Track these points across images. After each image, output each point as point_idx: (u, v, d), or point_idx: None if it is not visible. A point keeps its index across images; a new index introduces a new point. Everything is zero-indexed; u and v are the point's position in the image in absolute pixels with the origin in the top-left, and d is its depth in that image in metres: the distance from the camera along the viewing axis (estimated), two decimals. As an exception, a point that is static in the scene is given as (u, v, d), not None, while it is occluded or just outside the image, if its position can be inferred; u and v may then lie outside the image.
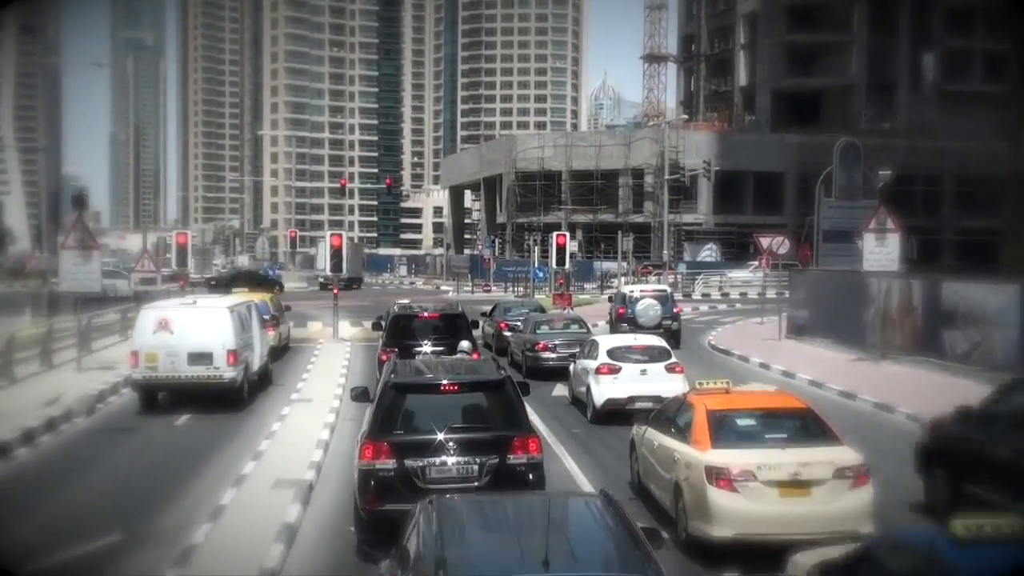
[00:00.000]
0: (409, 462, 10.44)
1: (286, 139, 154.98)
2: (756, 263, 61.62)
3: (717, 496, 10.17)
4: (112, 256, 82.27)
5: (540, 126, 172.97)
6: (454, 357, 14.37)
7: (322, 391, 21.39)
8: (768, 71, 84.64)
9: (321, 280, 62.96)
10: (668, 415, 12.41)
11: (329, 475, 14.23)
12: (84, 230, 23.10)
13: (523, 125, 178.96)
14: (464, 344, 16.94)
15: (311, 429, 17.09)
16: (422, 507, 6.89)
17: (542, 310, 30.80)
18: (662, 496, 11.76)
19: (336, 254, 32.05)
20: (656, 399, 17.35)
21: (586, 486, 13.73)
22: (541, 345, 24.01)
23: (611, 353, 18.95)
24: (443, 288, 71.29)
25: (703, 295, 59.02)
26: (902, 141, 70.47)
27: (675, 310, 31.19)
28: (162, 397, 19.82)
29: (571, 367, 20.79)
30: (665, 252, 64.91)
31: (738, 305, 52.28)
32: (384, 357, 19.65)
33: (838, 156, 62.71)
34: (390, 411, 10.85)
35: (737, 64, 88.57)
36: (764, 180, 77.55)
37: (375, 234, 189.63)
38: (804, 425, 11.12)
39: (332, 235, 32.73)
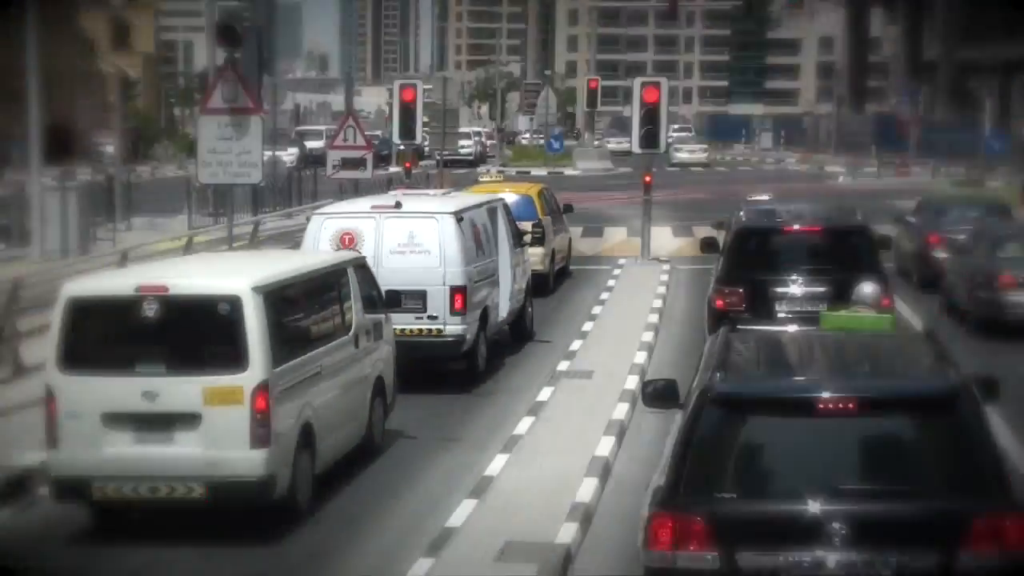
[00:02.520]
0: (748, 558, 8.10)
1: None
2: None
3: None
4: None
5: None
6: (843, 326, 11.41)
7: (611, 358, 19.70)
8: None
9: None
10: None
11: (603, 533, 12.07)
12: (237, 83, 21.91)
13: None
14: (867, 289, 13.83)
15: (584, 435, 15.16)
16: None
17: (1007, 214, 27.91)
18: None
19: (650, 116, 29.57)
20: None
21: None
22: (1006, 279, 21.67)
23: None
24: (831, 169, 68.50)
25: None
26: None
27: None
28: None
29: None
30: None
31: None
32: (721, 304, 18.09)
33: None
34: (712, 450, 8.53)
35: None
36: None
37: (726, 83, 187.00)
38: None
39: (644, 85, 30.33)
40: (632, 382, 17.56)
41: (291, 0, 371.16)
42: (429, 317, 17.69)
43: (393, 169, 40.48)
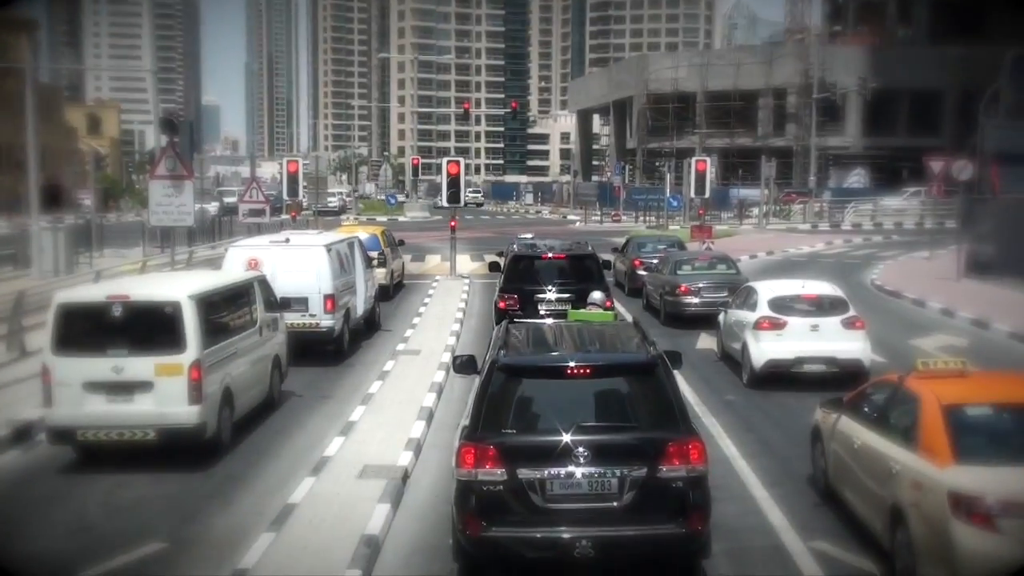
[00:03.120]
0: (524, 472, 7.72)
1: (412, 65, 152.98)
2: (912, 190, 56.58)
3: (967, 537, 7.04)
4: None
5: (671, 48, 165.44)
6: (582, 319, 11.19)
7: (433, 340, 19.06)
8: (927, -22, 77.08)
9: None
10: (875, 403, 9.29)
11: (429, 458, 11.70)
12: (176, 158, 20.95)
13: (653, 47, 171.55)
14: (596, 295, 13.72)
15: (415, 391, 14.71)
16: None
17: (681, 246, 27.77)
18: (868, 515, 8.78)
19: (453, 183, 29.20)
20: (830, 361, 15.05)
21: (751, 478, 10.83)
22: (683, 288, 21.19)
23: (774, 304, 15.61)
24: (570, 217, 68.39)
25: (853, 225, 54.21)
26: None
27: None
28: None
29: (721, 318, 17.67)
30: (811, 177, 60.08)
31: (895, 237, 47.48)
32: (502, 305, 17.49)
33: (1007, 71, 56.21)
34: (499, 401, 8.05)
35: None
36: (920, 99, 71.08)
37: (501, 161, 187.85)
38: None
39: (449, 162, 29.81)
40: (446, 357, 16.96)
41: (212, 103, 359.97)
42: (310, 315, 16.96)
43: (284, 216, 39.30)
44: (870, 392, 9.64)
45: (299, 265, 17.11)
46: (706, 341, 18.96)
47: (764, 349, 15.15)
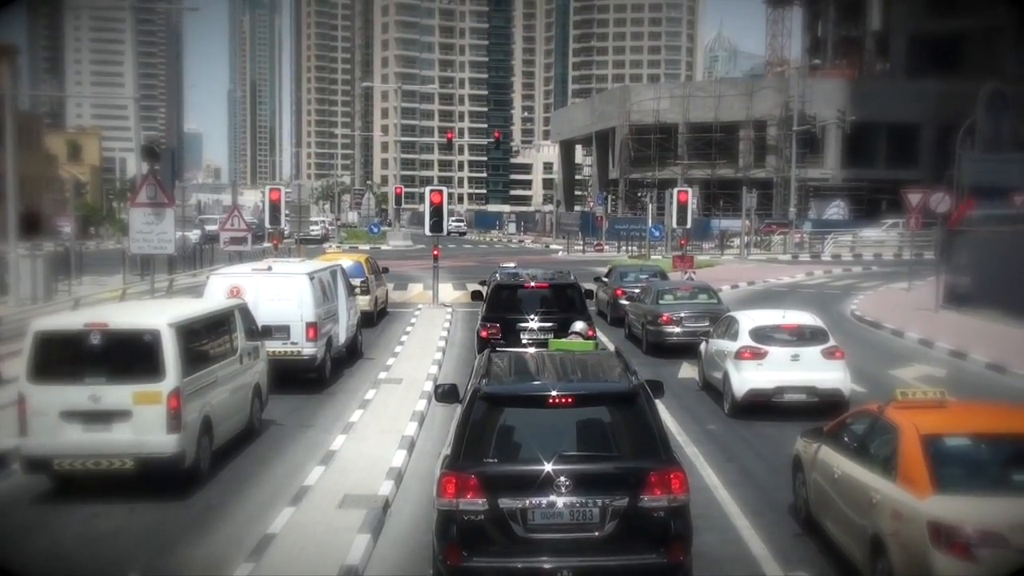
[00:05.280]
0: (505, 502, 7.72)
1: (396, 94, 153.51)
2: (891, 221, 57.08)
3: (946, 567, 7.09)
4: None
5: (653, 79, 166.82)
6: (563, 348, 11.17)
7: (415, 369, 18.99)
8: (905, 13, 78.06)
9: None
10: (855, 433, 9.35)
11: (410, 487, 11.64)
12: (157, 186, 20.83)
13: (635, 78, 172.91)
14: (578, 325, 13.76)
15: (397, 420, 14.64)
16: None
17: (663, 275, 27.78)
18: (848, 544, 8.81)
19: (436, 211, 29.24)
20: (810, 390, 15.19)
21: (732, 508, 10.86)
22: (665, 318, 21.25)
23: (755, 333, 15.75)
24: (552, 247, 68.51)
25: (833, 256, 54.60)
26: (1058, 87, 63.76)
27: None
28: None
29: (702, 347, 17.77)
30: (792, 208, 60.50)
31: (874, 268, 47.78)
32: (484, 334, 17.45)
33: (983, 105, 56.71)
34: (480, 430, 8.04)
35: (870, 6, 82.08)
36: (898, 132, 71.80)
37: (484, 191, 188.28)
38: None
39: (431, 191, 29.87)
40: (428, 386, 16.93)
41: (193, 130, 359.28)
42: (292, 343, 16.92)
43: (266, 245, 39.22)
44: (850, 422, 9.68)
45: (281, 293, 17.08)
46: (688, 370, 19.00)
47: (745, 378, 15.24)
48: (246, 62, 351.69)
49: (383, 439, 13.42)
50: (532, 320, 17.60)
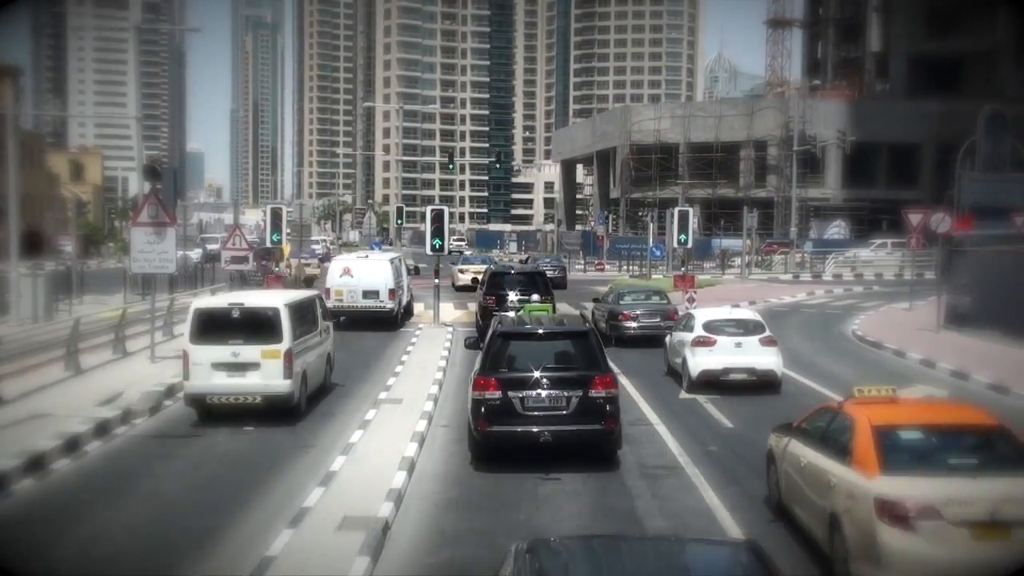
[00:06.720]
0: (512, 393, 12.84)
1: (397, 113, 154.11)
2: (879, 241, 57.19)
3: (890, 537, 8.15)
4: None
5: (654, 99, 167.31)
6: (534, 309, 16.89)
7: (415, 390, 18.90)
8: (904, 34, 78.34)
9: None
10: (818, 427, 10.31)
11: (411, 509, 11.53)
12: (159, 205, 20.88)
13: (636, 99, 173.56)
14: (535, 296, 23.14)
15: (397, 441, 14.54)
16: (517, 554, 5.58)
17: (664, 296, 27.68)
18: (812, 525, 9.79)
19: (437, 231, 29.22)
20: (750, 371, 18.98)
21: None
22: (624, 315, 25.75)
23: (707, 326, 19.48)
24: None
25: (834, 276, 54.53)
26: (1057, 108, 63.85)
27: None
28: (343, 321, 26.84)
29: (667, 339, 21.46)
30: (793, 228, 60.50)
31: (875, 288, 47.71)
32: (487, 301, 26.18)
33: (983, 125, 56.92)
34: (498, 354, 13.33)
35: (869, 27, 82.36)
36: (898, 152, 71.95)
37: (485, 210, 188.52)
38: (996, 447, 9.15)
39: (433, 210, 29.85)
40: (429, 406, 16.97)
41: (196, 149, 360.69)
42: (380, 301, 27.96)
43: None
44: (815, 417, 10.67)
45: (374, 271, 28.16)
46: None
47: (699, 362, 18.98)
48: (248, 81, 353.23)
49: (383, 460, 13.36)
50: (512, 294, 25.87)
